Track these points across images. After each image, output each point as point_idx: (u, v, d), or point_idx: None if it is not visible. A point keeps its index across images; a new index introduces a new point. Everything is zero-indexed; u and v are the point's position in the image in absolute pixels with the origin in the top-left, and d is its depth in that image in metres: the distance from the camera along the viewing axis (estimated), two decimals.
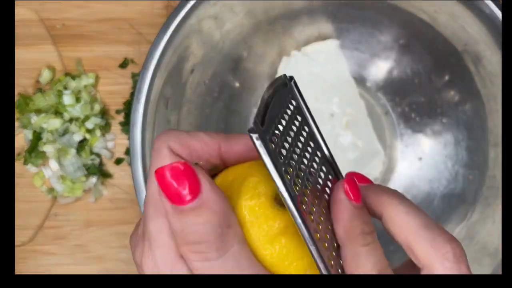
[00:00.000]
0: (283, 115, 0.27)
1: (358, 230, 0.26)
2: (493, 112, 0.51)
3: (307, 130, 0.29)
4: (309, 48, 0.57)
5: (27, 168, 0.58)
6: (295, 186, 0.26)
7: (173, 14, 0.46)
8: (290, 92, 0.29)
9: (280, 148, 0.26)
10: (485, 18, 0.46)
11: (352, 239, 0.26)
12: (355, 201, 0.27)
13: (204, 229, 0.25)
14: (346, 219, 0.26)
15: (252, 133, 0.24)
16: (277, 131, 0.26)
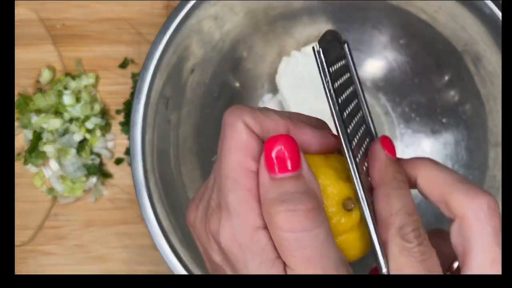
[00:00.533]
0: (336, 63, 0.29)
1: (391, 175, 0.28)
2: (493, 112, 0.51)
3: (352, 89, 0.31)
4: (309, 48, 0.57)
5: (27, 168, 0.58)
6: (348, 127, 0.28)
7: (173, 14, 0.46)
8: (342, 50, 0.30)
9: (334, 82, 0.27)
10: (485, 18, 0.46)
11: (385, 183, 0.28)
12: (391, 154, 0.29)
13: (302, 195, 0.25)
14: (382, 164, 0.28)
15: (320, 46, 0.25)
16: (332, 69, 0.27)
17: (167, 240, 0.44)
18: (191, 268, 0.44)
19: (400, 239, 0.26)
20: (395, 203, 0.27)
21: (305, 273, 0.25)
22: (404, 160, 0.30)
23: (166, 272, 0.56)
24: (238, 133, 0.26)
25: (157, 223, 0.44)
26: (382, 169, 0.28)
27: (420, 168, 0.29)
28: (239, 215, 0.26)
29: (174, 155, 0.50)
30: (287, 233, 0.25)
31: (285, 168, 0.25)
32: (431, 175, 0.28)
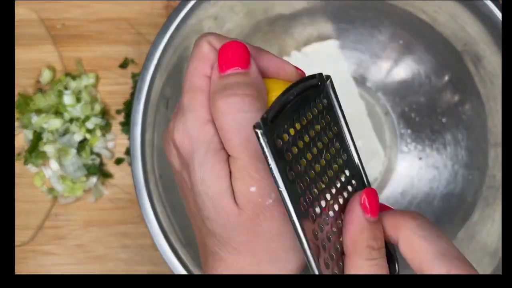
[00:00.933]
0: (307, 113, 0.27)
1: (365, 243, 0.26)
2: (493, 112, 0.51)
3: (336, 131, 0.29)
4: (309, 49, 0.57)
5: (28, 168, 0.58)
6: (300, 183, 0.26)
7: (173, 14, 0.46)
8: (323, 91, 0.29)
9: (291, 146, 0.26)
10: (485, 18, 0.46)
11: (357, 252, 0.26)
12: (371, 215, 0.26)
13: (244, 85, 0.27)
14: (356, 230, 0.26)
15: (257, 129, 0.25)
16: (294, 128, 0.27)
17: (167, 240, 0.44)
18: (191, 268, 0.44)
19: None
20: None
21: (245, 159, 0.26)
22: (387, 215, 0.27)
23: (166, 272, 0.56)
24: (200, 47, 0.29)
25: (157, 223, 0.44)
26: (356, 235, 0.26)
27: (402, 231, 0.26)
28: (191, 110, 0.28)
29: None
30: (226, 115, 0.26)
31: (233, 65, 0.28)
32: (411, 243, 0.26)
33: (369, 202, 0.26)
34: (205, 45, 0.29)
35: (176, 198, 0.49)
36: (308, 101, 0.28)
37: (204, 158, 0.27)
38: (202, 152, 0.27)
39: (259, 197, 0.26)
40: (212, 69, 0.29)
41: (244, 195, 0.26)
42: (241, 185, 0.26)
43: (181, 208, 0.49)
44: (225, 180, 0.27)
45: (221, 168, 0.27)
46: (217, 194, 0.27)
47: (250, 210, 0.26)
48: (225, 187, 0.27)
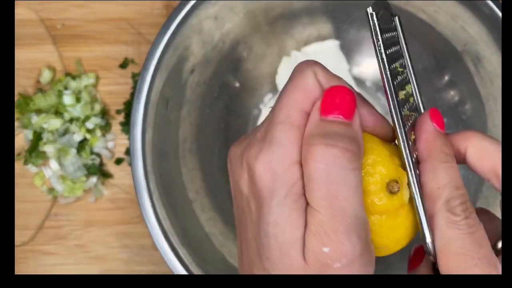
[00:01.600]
0: (386, 33, 0.28)
1: (439, 148, 0.28)
2: (493, 112, 0.51)
3: (401, 62, 0.30)
4: (309, 48, 0.57)
5: (28, 168, 0.58)
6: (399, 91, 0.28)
7: (173, 14, 0.46)
8: (392, 23, 0.30)
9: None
10: (485, 18, 0.46)
11: (432, 156, 0.27)
12: (439, 128, 0.29)
13: (346, 137, 0.26)
14: (429, 137, 0.28)
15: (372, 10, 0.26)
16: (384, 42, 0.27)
17: (167, 240, 0.44)
18: (191, 268, 0.44)
19: (447, 212, 0.26)
20: (442, 177, 0.27)
21: (326, 215, 0.25)
22: (452, 134, 0.29)
23: (166, 272, 0.56)
24: (305, 78, 0.27)
25: (157, 223, 0.44)
26: (429, 142, 0.28)
27: (470, 140, 0.28)
28: (282, 145, 0.26)
29: (174, 155, 0.50)
30: (319, 163, 0.25)
31: (337, 112, 0.26)
32: (482, 146, 0.28)
33: (437, 117, 0.29)
34: (310, 77, 0.27)
35: (176, 198, 0.49)
36: (386, 21, 0.28)
37: (284, 201, 0.25)
38: (283, 193, 0.25)
39: (328, 259, 0.25)
40: (312, 106, 0.27)
41: (315, 253, 0.25)
42: (314, 242, 0.25)
43: (181, 208, 0.49)
44: (300, 231, 0.25)
45: (299, 218, 0.25)
46: (288, 243, 0.25)
47: (316, 269, 0.25)
48: (298, 237, 0.25)
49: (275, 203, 0.25)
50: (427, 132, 0.28)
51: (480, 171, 0.28)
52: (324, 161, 0.25)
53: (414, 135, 0.29)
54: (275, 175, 0.26)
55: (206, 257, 0.46)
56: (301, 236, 0.25)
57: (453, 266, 0.26)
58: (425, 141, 0.28)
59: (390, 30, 0.29)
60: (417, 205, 0.27)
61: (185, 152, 0.51)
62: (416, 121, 0.29)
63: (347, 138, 0.26)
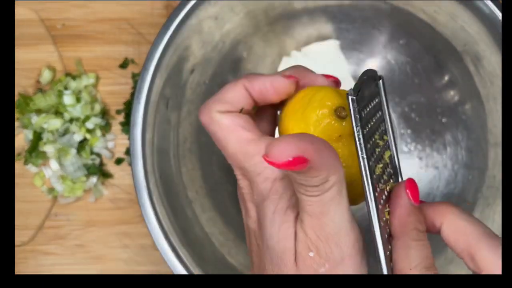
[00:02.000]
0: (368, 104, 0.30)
1: (412, 225, 0.28)
2: (493, 112, 0.51)
3: (382, 128, 0.31)
4: (309, 49, 0.57)
5: (28, 168, 0.58)
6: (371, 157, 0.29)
7: (173, 14, 0.46)
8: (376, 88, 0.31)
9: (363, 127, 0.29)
10: (485, 18, 0.46)
11: (405, 233, 0.28)
12: (414, 201, 0.29)
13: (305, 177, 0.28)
14: (403, 213, 0.28)
15: (350, 95, 0.27)
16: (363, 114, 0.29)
17: (167, 240, 0.44)
18: (191, 268, 0.44)
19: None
20: (414, 257, 0.28)
21: (308, 228, 0.28)
22: (427, 205, 0.30)
23: (166, 272, 0.56)
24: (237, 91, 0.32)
25: (157, 223, 0.44)
26: (403, 217, 0.29)
27: (445, 217, 0.29)
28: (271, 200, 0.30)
29: (174, 155, 0.50)
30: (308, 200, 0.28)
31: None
32: (457, 226, 0.29)
33: (412, 189, 0.29)
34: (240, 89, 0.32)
35: (176, 198, 0.49)
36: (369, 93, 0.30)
37: (273, 217, 0.29)
38: (271, 210, 0.29)
39: (314, 264, 0.28)
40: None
41: (303, 258, 0.28)
42: (301, 247, 0.28)
43: (181, 208, 0.49)
44: (291, 241, 0.29)
45: (288, 229, 0.29)
46: (282, 252, 0.29)
47: (305, 272, 0.28)
48: (290, 247, 0.28)
49: (268, 220, 0.29)
50: (402, 207, 0.29)
51: (453, 249, 0.29)
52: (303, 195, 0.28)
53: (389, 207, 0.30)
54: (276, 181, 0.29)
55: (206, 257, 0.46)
56: (292, 246, 0.28)
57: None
58: (399, 217, 0.29)
59: (374, 95, 0.30)
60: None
61: (185, 152, 0.51)
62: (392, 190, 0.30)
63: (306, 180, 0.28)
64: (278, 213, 0.29)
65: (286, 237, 0.29)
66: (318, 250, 0.28)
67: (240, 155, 0.30)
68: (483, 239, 0.28)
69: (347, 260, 0.28)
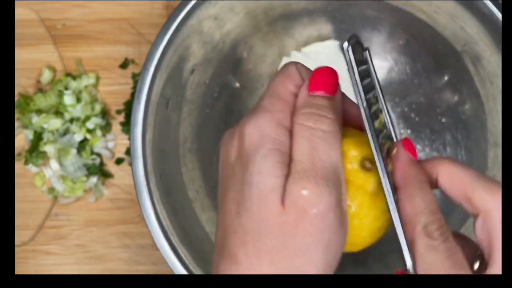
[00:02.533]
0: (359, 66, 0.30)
1: (414, 176, 0.29)
2: (493, 112, 0.51)
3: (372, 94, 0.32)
4: (309, 49, 0.57)
5: (28, 168, 0.58)
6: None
7: (173, 14, 0.46)
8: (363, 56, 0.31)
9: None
10: (484, 18, 0.46)
11: (408, 183, 0.29)
12: (412, 155, 0.30)
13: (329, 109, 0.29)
14: (405, 166, 0.29)
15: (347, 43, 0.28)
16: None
17: (168, 239, 0.44)
18: (191, 268, 0.44)
19: (426, 237, 0.27)
20: (419, 203, 0.28)
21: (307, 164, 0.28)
22: (424, 161, 0.31)
23: (166, 272, 0.56)
24: (288, 68, 0.31)
25: (157, 223, 0.44)
26: (405, 170, 0.29)
27: (440, 167, 0.30)
28: (269, 111, 0.29)
29: (174, 155, 0.50)
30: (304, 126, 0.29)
31: (322, 89, 0.30)
32: (452, 172, 0.29)
33: (409, 147, 0.30)
34: (293, 68, 0.31)
35: (177, 197, 0.49)
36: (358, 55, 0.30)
37: (269, 152, 0.28)
38: (269, 147, 0.28)
39: (306, 203, 0.27)
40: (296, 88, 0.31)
41: (294, 195, 0.27)
42: (294, 186, 0.27)
43: (181, 208, 0.49)
44: (281, 179, 0.28)
45: (281, 168, 0.28)
46: (269, 189, 0.28)
47: (293, 215, 0.27)
48: (279, 185, 0.28)
49: (261, 154, 0.28)
50: (402, 161, 0.30)
51: (451, 195, 0.30)
52: (308, 124, 0.29)
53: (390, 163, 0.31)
54: (263, 133, 0.29)
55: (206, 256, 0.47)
56: (281, 185, 0.28)
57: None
58: (401, 170, 0.30)
59: (362, 63, 0.31)
60: (397, 231, 0.28)
61: (185, 152, 0.51)
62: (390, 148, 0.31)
63: (329, 109, 0.29)
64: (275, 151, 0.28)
65: (278, 175, 0.28)
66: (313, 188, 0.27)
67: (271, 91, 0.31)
68: (478, 180, 0.28)
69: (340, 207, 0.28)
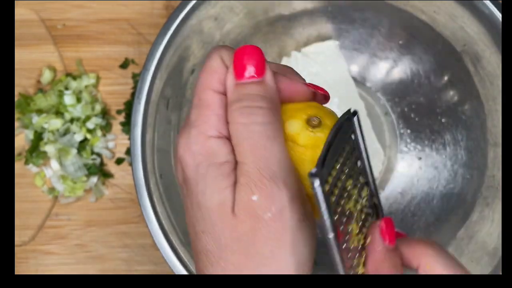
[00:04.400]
0: (343, 149, 0.28)
1: (387, 270, 0.27)
2: (492, 112, 0.51)
3: (359, 165, 0.30)
4: (308, 49, 0.57)
5: (28, 168, 0.58)
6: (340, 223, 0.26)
7: (173, 15, 0.46)
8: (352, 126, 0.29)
9: (333, 187, 0.26)
10: (484, 18, 0.46)
11: (379, 272, 0.27)
12: (389, 243, 0.27)
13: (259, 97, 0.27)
14: (378, 259, 0.27)
15: (313, 178, 0.24)
16: (335, 166, 0.27)
17: (168, 239, 0.44)
18: (191, 268, 0.44)
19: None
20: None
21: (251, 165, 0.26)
22: (404, 243, 0.28)
23: (166, 272, 0.56)
24: (211, 61, 0.29)
25: (157, 223, 0.44)
26: (378, 263, 0.27)
27: (423, 259, 0.27)
28: (195, 126, 0.28)
29: (174, 155, 0.50)
30: (238, 124, 0.27)
31: (248, 71, 0.28)
32: (433, 271, 0.27)
33: (387, 230, 0.28)
34: (215, 59, 0.29)
35: (177, 197, 0.49)
36: (343, 137, 0.28)
37: (206, 171, 0.27)
38: (205, 165, 0.27)
39: (258, 209, 0.26)
40: (221, 85, 0.29)
41: (244, 203, 0.26)
42: (243, 192, 0.26)
43: (181, 208, 0.49)
44: (227, 191, 0.26)
45: (223, 180, 0.27)
46: (216, 205, 0.26)
47: (248, 223, 0.26)
48: (225, 197, 0.26)
49: (199, 175, 0.27)
50: (376, 252, 0.28)
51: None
52: (242, 121, 0.27)
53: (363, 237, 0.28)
54: (194, 152, 0.27)
55: None
56: (228, 197, 0.26)
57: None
58: (373, 262, 0.28)
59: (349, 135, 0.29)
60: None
61: None
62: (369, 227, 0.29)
63: (259, 96, 0.27)
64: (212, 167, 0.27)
65: (222, 188, 0.26)
66: (262, 191, 0.26)
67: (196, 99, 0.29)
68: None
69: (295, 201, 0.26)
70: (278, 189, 0.26)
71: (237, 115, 0.27)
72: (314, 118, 0.28)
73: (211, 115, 0.28)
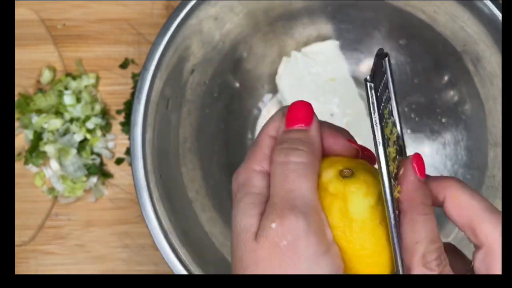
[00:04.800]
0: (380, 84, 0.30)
1: (419, 200, 0.29)
2: (492, 112, 0.51)
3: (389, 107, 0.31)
4: (308, 49, 0.57)
5: (28, 168, 0.58)
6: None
7: (173, 15, 0.46)
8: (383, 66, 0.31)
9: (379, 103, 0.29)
10: (484, 18, 0.46)
11: (412, 207, 0.29)
12: (419, 175, 0.29)
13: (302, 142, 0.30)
14: (410, 189, 0.29)
15: (368, 82, 0.27)
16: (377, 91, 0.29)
17: (167, 239, 0.44)
18: (191, 268, 0.44)
19: (423, 268, 0.27)
20: (420, 230, 0.28)
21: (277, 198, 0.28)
22: (431, 179, 0.30)
23: (166, 272, 0.56)
24: (274, 114, 0.33)
25: (157, 223, 0.44)
26: (411, 193, 0.29)
27: (449, 190, 0.29)
28: (245, 161, 0.31)
29: (174, 155, 0.50)
30: (277, 163, 0.30)
31: (296, 122, 0.31)
32: (459, 200, 0.29)
33: (418, 163, 0.30)
34: (278, 112, 0.33)
35: (177, 197, 0.49)
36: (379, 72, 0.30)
37: (242, 198, 0.30)
38: (242, 193, 0.30)
39: (276, 236, 0.28)
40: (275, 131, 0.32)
41: (265, 230, 0.28)
42: (265, 220, 0.28)
43: (181, 208, 0.49)
44: (254, 218, 0.29)
45: (253, 208, 0.29)
46: (242, 228, 0.29)
47: (266, 249, 0.28)
48: (251, 223, 0.29)
49: (236, 201, 0.30)
50: (409, 182, 0.30)
51: (455, 222, 0.29)
52: (279, 159, 0.30)
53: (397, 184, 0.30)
54: (238, 182, 0.31)
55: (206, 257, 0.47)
56: (253, 224, 0.29)
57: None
58: (406, 192, 0.29)
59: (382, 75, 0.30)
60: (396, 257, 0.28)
61: (185, 152, 0.51)
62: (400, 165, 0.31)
63: (301, 141, 0.30)
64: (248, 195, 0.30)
65: (250, 215, 0.29)
66: (280, 220, 0.28)
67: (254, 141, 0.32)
68: (485, 213, 0.28)
69: (313, 236, 0.28)
70: (296, 220, 0.28)
71: (277, 154, 0.30)
72: (347, 170, 0.30)
73: (259, 152, 0.31)
